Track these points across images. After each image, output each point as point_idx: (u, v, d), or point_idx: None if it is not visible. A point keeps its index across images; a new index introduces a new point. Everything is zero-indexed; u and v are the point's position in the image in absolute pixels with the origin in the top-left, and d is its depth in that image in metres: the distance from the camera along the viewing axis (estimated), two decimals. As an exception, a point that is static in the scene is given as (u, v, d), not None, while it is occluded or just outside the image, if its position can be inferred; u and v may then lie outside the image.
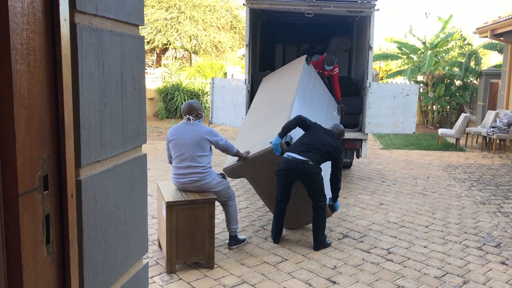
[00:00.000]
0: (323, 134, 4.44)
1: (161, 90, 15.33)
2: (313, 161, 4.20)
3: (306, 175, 4.23)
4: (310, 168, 4.19)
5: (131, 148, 1.46)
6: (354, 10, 6.79)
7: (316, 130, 4.46)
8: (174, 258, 3.76)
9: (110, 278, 1.35)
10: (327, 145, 4.32)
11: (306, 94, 5.72)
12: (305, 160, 4.18)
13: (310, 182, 4.26)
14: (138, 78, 1.47)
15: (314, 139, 4.33)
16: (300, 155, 4.20)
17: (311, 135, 4.40)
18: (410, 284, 3.68)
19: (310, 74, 6.25)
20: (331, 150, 4.32)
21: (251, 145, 4.74)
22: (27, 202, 0.91)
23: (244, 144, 4.93)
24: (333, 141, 4.42)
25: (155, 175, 7.28)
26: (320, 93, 6.38)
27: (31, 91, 0.93)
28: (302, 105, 5.39)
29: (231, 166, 4.55)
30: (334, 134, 4.57)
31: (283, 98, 5.53)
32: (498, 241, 4.74)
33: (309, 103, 5.71)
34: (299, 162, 4.18)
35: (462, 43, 15.23)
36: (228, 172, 4.60)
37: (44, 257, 0.97)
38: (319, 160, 4.27)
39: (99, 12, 1.21)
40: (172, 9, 20.09)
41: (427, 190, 6.84)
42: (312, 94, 5.96)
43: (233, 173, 4.64)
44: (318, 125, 4.54)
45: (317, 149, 4.27)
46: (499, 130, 10.05)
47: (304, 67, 6.06)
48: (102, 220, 1.29)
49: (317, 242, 4.36)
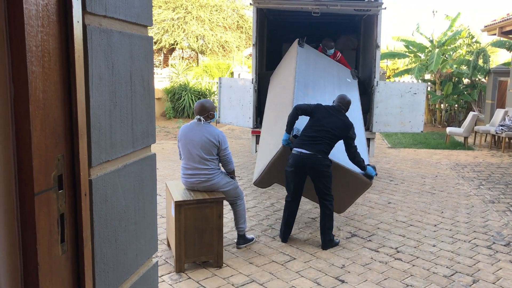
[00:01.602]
0: (327, 116, 4.33)
1: (169, 90, 15.39)
2: (320, 154, 4.19)
3: (314, 169, 4.21)
4: (318, 161, 4.18)
5: (140, 148, 1.47)
6: (361, 9, 6.77)
7: (320, 114, 4.35)
8: (183, 257, 3.78)
9: (120, 277, 1.36)
10: (333, 129, 4.25)
11: (308, 78, 5.67)
12: (313, 154, 4.17)
13: (319, 176, 4.23)
14: (147, 78, 1.49)
15: (319, 128, 4.26)
16: (307, 149, 4.19)
17: (315, 123, 4.31)
18: (419, 283, 3.67)
19: (307, 55, 6.17)
20: (338, 132, 4.26)
21: (269, 150, 4.79)
22: (42, 201, 0.93)
23: (263, 151, 5.01)
24: (338, 120, 4.32)
25: (163, 174, 7.32)
26: (325, 68, 6.31)
27: (46, 92, 0.95)
28: (305, 91, 5.37)
29: (258, 178, 4.66)
30: (341, 110, 4.45)
31: (285, 93, 5.55)
32: (508, 240, 4.70)
33: (314, 85, 5.67)
34: (307, 156, 4.17)
35: (470, 41, 15.11)
36: (258, 184, 4.75)
37: (59, 255, 0.99)
38: (326, 150, 4.24)
39: (108, 13, 1.22)
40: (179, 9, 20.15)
41: (436, 189, 6.80)
42: (315, 74, 5.90)
43: (263, 183, 4.76)
44: (321, 107, 4.41)
45: (323, 139, 4.22)
46: (508, 128, 9.97)
47: (298, 52, 6.00)
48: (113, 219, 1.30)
49: (325, 241, 4.36)
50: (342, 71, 6.60)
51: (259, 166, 4.88)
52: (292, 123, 4.37)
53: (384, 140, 11.85)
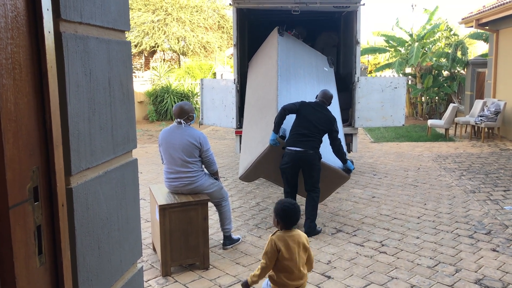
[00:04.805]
0: (313, 112, 4.67)
1: (151, 93, 15.28)
2: (312, 149, 4.55)
3: (307, 164, 4.57)
4: (311, 156, 4.55)
5: (121, 154, 1.47)
6: (340, 5, 6.83)
7: (306, 111, 4.68)
8: (169, 260, 3.78)
9: (105, 284, 1.36)
10: (319, 124, 4.61)
11: (289, 69, 5.84)
12: (306, 150, 4.53)
13: (312, 170, 4.59)
14: (126, 83, 1.49)
15: (307, 125, 4.59)
16: (300, 147, 4.54)
17: (303, 120, 4.63)
18: (403, 275, 3.74)
19: (287, 45, 6.28)
20: (324, 126, 4.63)
21: (254, 145, 5.00)
22: (18, 214, 0.93)
23: (249, 145, 5.22)
24: (323, 116, 4.67)
25: (147, 178, 7.27)
26: (304, 58, 6.42)
27: (18, 104, 0.95)
28: (288, 84, 5.57)
29: (245, 173, 4.90)
30: (324, 105, 4.80)
31: (268, 87, 5.65)
32: (489, 228, 4.81)
33: (295, 76, 5.85)
34: (302, 153, 4.53)
35: (448, 33, 15.37)
36: (243, 178, 4.99)
37: (37, 267, 0.99)
38: (317, 145, 4.60)
39: (84, 19, 1.22)
40: (159, 11, 20.00)
41: (418, 181, 6.91)
42: (295, 65, 6.05)
43: (248, 177, 5.02)
44: (306, 105, 4.74)
45: (313, 135, 4.58)
46: (487, 118, 10.18)
47: (278, 42, 6.08)
48: (95, 227, 1.30)
49: (309, 228, 4.61)
50: (320, 61, 6.68)
51: (245, 161, 5.05)
52: (280, 123, 4.64)
53: (367, 135, 11.98)
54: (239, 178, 5.04)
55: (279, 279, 2.58)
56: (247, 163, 4.88)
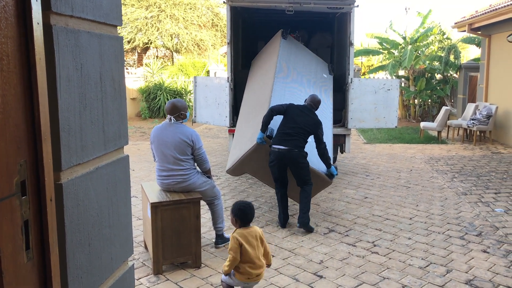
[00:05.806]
0: (300, 115, 4.81)
1: (143, 89, 15.20)
2: (297, 148, 4.67)
3: (293, 161, 4.69)
4: (296, 154, 4.67)
5: (112, 150, 1.45)
6: (333, 6, 6.84)
7: (293, 113, 4.82)
8: (161, 259, 3.75)
9: (95, 282, 1.34)
10: (305, 125, 4.76)
11: (287, 72, 5.94)
12: (290, 148, 4.65)
13: (298, 167, 4.71)
14: (118, 79, 1.47)
15: (293, 125, 4.73)
16: (284, 145, 4.66)
17: (289, 121, 4.77)
18: (395, 276, 3.74)
19: (289, 48, 6.37)
20: (310, 128, 4.78)
21: (244, 142, 5.12)
22: (4, 208, 0.90)
23: (239, 141, 5.34)
24: (310, 118, 4.82)
25: (139, 176, 7.23)
26: (304, 62, 6.51)
27: (5, 96, 0.92)
28: (283, 87, 5.65)
29: (232, 167, 5.04)
30: (311, 109, 4.95)
31: (264, 88, 5.76)
32: (480, 230, 4.84)
33: (292, 79, 5.95)
34: (286, 151, 4.65)
35: (441, 37, 15.45)
36: (230, 172, 5.13)
37: (25, 263, 0.97)
38: (301, 144, 4.73)
39: (75, 13, 1.20)
40: (152, 7, 19.89)
41: (411, 182, 6.94)
42: (295, 68, 6.15)
43: (235, 172, 5.17)
44: (294, 107, 4.88)
45: (298, 134, 4.71)
46: (479, 122, 10.25)
47: (281, 44, 6.15)
48: (86, 223, 1.28)
49: (303, 219, 4.69)
50: (320, 67, 6.73)
51: (233, 155, 5.21)
52: (267, 123, 4.79)
53: (360, 136, 12.01)
54: (226, 172, 5.22)
55: (243, 269, 2.93)
56: (235, 158, 5.04)
